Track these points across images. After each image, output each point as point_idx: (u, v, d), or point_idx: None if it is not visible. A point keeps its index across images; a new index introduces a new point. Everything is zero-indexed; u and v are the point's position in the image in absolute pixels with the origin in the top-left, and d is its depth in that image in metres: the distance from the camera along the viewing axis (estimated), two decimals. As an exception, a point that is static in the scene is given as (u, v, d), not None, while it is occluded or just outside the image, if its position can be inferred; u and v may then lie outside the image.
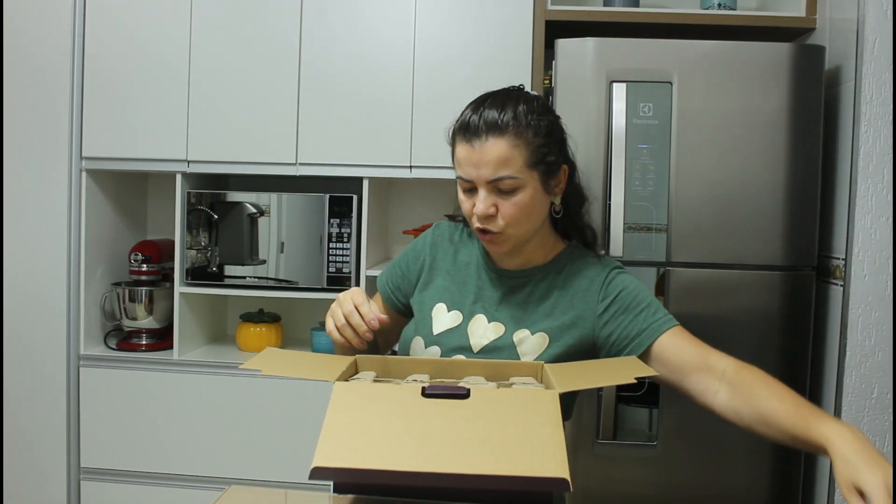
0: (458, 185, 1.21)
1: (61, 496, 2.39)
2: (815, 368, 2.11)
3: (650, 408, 2.08)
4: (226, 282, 2.42)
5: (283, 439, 2.33)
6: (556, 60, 2.07)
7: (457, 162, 1.20)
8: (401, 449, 0.85)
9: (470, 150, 1.15)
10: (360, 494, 0.92)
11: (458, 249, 1.33)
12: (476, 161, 1.15)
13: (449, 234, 1.36)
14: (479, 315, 1.26)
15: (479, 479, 0.81)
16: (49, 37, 2.33)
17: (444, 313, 1.27)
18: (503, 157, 1.14)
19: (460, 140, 1.18)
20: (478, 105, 1.19)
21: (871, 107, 1.93)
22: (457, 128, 1.19)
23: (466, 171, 1.17)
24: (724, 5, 2.28)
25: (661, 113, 2.03)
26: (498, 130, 1.14)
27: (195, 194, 2.42)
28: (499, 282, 1.28)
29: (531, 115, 1.17)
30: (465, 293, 1.29)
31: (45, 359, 2.38)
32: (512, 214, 1.16)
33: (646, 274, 2.06)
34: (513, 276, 1.28)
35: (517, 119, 1.15)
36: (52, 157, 2.35)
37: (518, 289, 1.27)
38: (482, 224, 1.18)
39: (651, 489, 2.07)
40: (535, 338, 1.22)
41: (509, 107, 1.16)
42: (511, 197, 1.16)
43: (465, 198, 1.20)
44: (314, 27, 2.31)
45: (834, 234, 2.07)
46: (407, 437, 0.88)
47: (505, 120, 1.14)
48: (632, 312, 1.21)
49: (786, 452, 2.06)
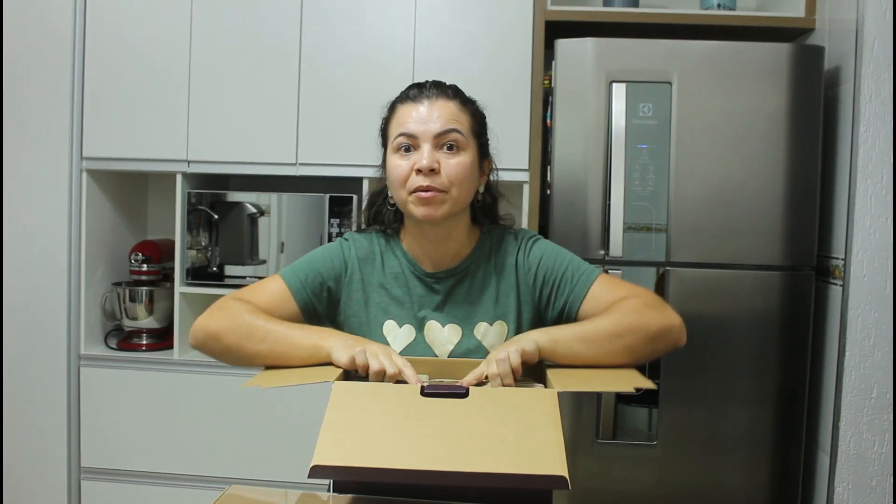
0: (392, 150, 1.21)
1: (61, 496, 2.39)
2: (814, 368, 2.11)
3: (650, 407, 2.08)
4: (226, 282, 2.42)
5: (283, 439, 2.33)
6: (556, 60, 2.07)
7: (396, 123, 1.21)
8: (400, 448, 0.85)
9: (420, 106, 1.19)
10: (359, 494, 0.92)
11: (384, 261, 1.28)
12: (426, 117, 1.18)
13: (369, 247, 1.29)
14: (430, 322, 1.24)
15: (477, 478, 0.81)
16: (49, 37, 2.33)
17: (397, 329, 1.24)
18: (451, 114, 1.19)
19: (404, 102, 1.22)
20: (417, 84, 1.24)
21: (871, 107, 1.93)
22: (400, 97, 1.23)
23: (411, 127, 1.18)
24: (723, 6, 2.29)
25: (660, 113, 2.03)
26: (447, 94, 1.21)
27: (195, 194, 2.42)
28: (435, 285, 1.26)
29: (471, 99, 1.26)
30: (406, 304, 1.25)
31: (45, 359, 2.38)
32: (456, 173, 1.17)
33: (645, 274, 2.06)
34: (447, 276, 1.26)
35: (461, 94, 1.24)
36: (52, 157, 2.35)
37: (456, 286, 1.26)
38: (427, 179, 1.16)
39: (651, 489, 2.07)
40: (494, 327, 1.23)
41: (452, 85, 1.25)
42: (454, 156, 1.18)
43: (401, 162, 1.18)
44: (314, 27, 2.31)
45: (833, 235, 2.07)
46: (406, 436, 0.88)
47: (452, 90, 1.23)
48: (556, 277, 1.24)
49: (786, 452, 2.06)
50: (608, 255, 2.02)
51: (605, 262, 2.03)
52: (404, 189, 1.18)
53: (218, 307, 1.20)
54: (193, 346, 1.19)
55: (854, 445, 1.96)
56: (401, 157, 1.19)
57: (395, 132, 1.20)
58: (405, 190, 1.18)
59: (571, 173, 2.06)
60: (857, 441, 1.96)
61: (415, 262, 1.26)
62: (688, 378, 2.05)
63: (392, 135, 1.21)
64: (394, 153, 1.20)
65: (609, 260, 2.02)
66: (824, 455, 2.05)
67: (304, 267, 1.27)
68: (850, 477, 1.97)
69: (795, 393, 2.06)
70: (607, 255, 2.02)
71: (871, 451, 1.96)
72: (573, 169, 2.06)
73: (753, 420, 2.05)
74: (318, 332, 1.14)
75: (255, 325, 1.14)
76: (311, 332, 1.14)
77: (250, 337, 1.13)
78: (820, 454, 2.08)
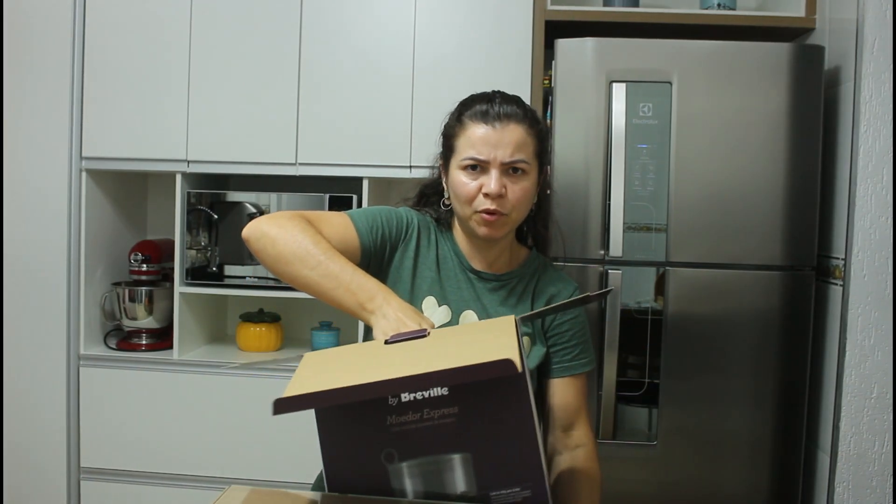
0: (458, 167, 1.23)
1: (61, 496, 2.39)
2: (814, 368, 2.11)
3: (650, 407, 2.08)
4: (226, 282, 2.42)
5: (283, 439, 2.33)
6: (556, 60, 2.07)
7: (467, 143, 1.22)
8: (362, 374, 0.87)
9: (490, 130, 1.21)
10: (356, 493, 0.92)
11: (438, 244, 1.32)
12: (496, 141, 1.20)
13: (426, 226, 1.32)
14: (467, 312, 1.28)
15: (431, 378, 0.83)
16: (49, 36, 2.33)
17: (436, 307, 1.27)
18: (521, 141, 1.21)
19: (477, 122, 1.22)
20: (487, 99, 1.25)
21: (871, 107, 1.93)
22: (471, 112, 1.24)
23: (482, 151, 1.20)
24: (723, 5, 2.29)
25: (660, 113, 2.03)
26: (517, 118, 1.22)
27: (195, 194, 2.42)
28: (478, 282, 1.30)
29: (537, 115, 1.28)
30: (451, 289, 1.29)
31: (45, 359, 2.38)
32: (518, 198, 1.22)
33: (645, 274, 2.06)
34: (491, 278, 1.31)
35: (530, 114, 1.25)
36: (52, 157, 2.35)
37: (497, 290, 1.31)
38: (493, 204, 1.20)
39: (651, 489, 2.07)
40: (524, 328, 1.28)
41: (521, 103, 1.26)
42: (519, 181, 1.22)
43: (467, 180, 1.22)
44: (314, 27, 2.31)
45: (833, 234, 2.07)
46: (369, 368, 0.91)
47: (523, 111, 1.24)
48: (573, 340, 1.32)
49: (786, 452, 2.06)
50: (608, 255, 2.02)
51: (605, 262, 2.03)
52: (469, 207, 1.23)
53: (285, 216, 1.17)
54: (245, 236, 1.17)
55: (854, 445, 1.96)
56: (467, 175, 1.22)
57: (465, 153, 1.22)
58: (470, 208, 1.23)
59: (571, 173, 2.06)
60: (857, 441, 1.96)
61: (463, 257, 1.31)
62: (688, 378, 2.05)
63: (461, 153, 1.23)
64: (460, 169, 1.23)
65: (609, 260, 2.02)
66: (824, 455, 2.05)
67: (372, 216, 1.27)
68: (850, 477, 1.97)
69: (795, 393, 2.06)
70: (607, 254, 2.02)
71: (871, 452, 1.96)
72: (573, 169, 2.06)
73: (753, 420, 2.05)
74: (369, 289, 1.09)
75: (312, 250, 1.12)
76: (362, 287, 1.09)
77: (304, 259, 1.11)
78: (820, 454, 2.08)
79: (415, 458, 0.91)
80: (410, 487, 0.92)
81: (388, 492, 0.92)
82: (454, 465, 0.91)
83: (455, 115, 1.28)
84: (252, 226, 1.17)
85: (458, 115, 1.27)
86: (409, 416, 0.90)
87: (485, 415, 0.90)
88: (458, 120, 1.26)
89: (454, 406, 0.90)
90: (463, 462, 0.91)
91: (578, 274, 2.02)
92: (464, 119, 1.24)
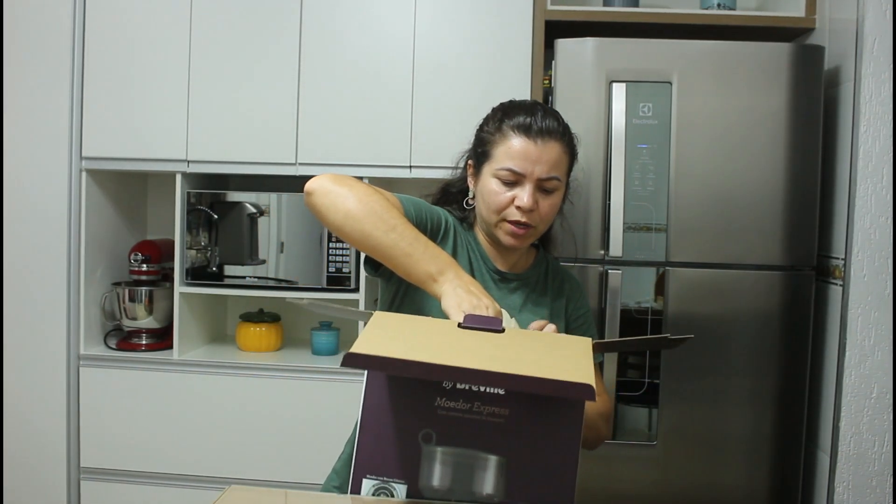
0: (493, 175, 1.24)
1: (61, 496, 2.39)
2: (814, 368, 2.11)
3: (650, 407, 2.08)
4: (226, 282, 2.42)
5: (283, 439, 2.33)
6: (556, 60, 2.07)
7: (506, 153, 1.23)
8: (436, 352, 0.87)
9: (532, 145, 1.22)
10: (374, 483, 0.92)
11: (467, 245, 1.33)
12: (535, 157, 1.22)
13: (455, 225, 1.33)
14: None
15: (508, 379, 0.83)
16: (49, 36, 2.33)
17: None
18: (558, 158, 1.24)
19: (519, 134, 1.23)
20: (529, 110, 1.25)
21: (871, 107, 1.93)
22: (513, 123, 1.24)
23: (520, 165, 1.22)
24: (723, 5, 2.29)
25: (660, 113, 2.03)
26: (557, 135, 1.25)
27: (195, 194, 2.42)
28: (501, 282, 1.33)
29: (570, 130, 1.30)
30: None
31: (45, 359, 2.38)
32: (547, 213, 1.26)
33: (645, 274, 2.06)
34: (513, 278, 1.34)
35: (567, 131, 1.28)
36: (52, 157, 2.35)
37: (517, 290, 1.33)
38: (525, 217, 1.23)
39: (650, 489, 2.07)
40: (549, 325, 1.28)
41: (559, 118, 1.28)
42: (549, 197, 1.25)
43: (500, 190, 1.24)
44: (314, 28, 2.31)
45: (833, 234, 2.07)
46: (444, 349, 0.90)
47: (562, 128, 1.27)
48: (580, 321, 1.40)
49: (786, 452, 2.06)
50: (608, 255, 2.02)
51: (605, 262, 2.03)
52: (498, 215, 1.25)
53: (349, 177, 1.17)
54: (309, 189, 1.15)
55: (854, 445, 1.96)
56: (500, 185, 1.24)
57: (503, 163, 1.23)
58: (498, 216, 1.25)
59: (571, 173, 2.05)
60: (857, 441, 1.96)
61: (488, 258, 1.33)
62: (688, 378, 2.05)
63: (498, 161, 1.24)
64: (493, 177, 1.24)
65: (609, 260, 2.02)
66: (824, 455, 2.05)
67: (418, 206, 1.27)
68: (850, 477, 1.97)
69: (795, 393, 2.06)
70: (607, 254, 2.02)
71: (871, 452, 1.96)
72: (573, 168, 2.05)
73: (753, 420, 2.05)
74: (442, 261, 1.10)
75: (385, 214, 1.10)
76: (435, 258, 1.09)
77: (376, 221, 1.10)
78: (820, 454, 2.08)
79: (452, 446, 0.90)
80: (439, 473, 0.91)
81: (415, 471, 0.91)
82: (488, 465, 0.90)
83: (496, 122, 1.27)
84: (317, 180, 1.15)
85: (498, 123, 1.26)
86: (459, 405, 0.90)
87: (535, 426, 0.90)
88: (498, 128, 1.26)
89: (506, 408, 0.90)
90: (498, 465, 0.90)
91: (579, 274, 2.02)
92: (504, 128, 1.25)
